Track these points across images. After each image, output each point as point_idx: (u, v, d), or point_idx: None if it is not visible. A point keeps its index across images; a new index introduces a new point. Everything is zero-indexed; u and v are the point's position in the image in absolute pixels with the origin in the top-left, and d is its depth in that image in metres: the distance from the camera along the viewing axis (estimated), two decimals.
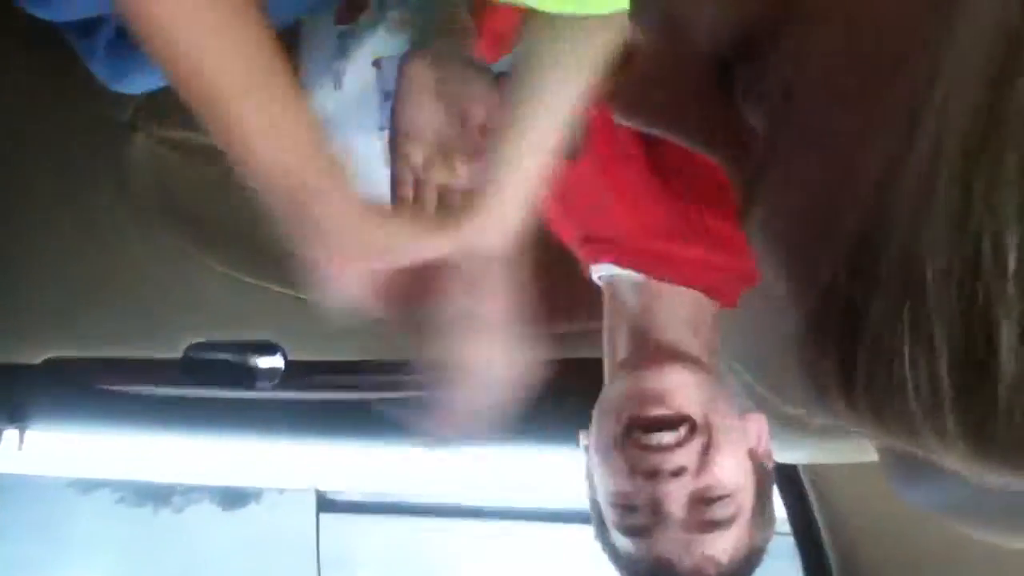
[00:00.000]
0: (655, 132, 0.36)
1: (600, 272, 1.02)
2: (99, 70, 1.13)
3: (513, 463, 1.73)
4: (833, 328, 0.27)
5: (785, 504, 1.38)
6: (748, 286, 0.94)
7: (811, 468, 1.31)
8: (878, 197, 0.25)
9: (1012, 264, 0.22)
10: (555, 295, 1.30)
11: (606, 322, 1.03)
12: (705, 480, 0.90)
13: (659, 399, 0.91)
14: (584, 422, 1.00)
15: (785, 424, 1.09)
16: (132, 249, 1.39)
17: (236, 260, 1.38)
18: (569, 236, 1.06)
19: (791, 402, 0.33)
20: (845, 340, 0.26)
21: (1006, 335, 0.23)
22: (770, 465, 0.97)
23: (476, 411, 0.81)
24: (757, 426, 0.97)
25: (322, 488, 2.69)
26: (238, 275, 1.38)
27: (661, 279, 0.98)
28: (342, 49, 1.19)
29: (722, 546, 0.90)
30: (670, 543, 0.90)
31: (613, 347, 1.02)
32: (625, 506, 0.93)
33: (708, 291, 0.99)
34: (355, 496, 2.81)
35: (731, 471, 0.91)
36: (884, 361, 0.25)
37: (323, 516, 2.77)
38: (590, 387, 1.16)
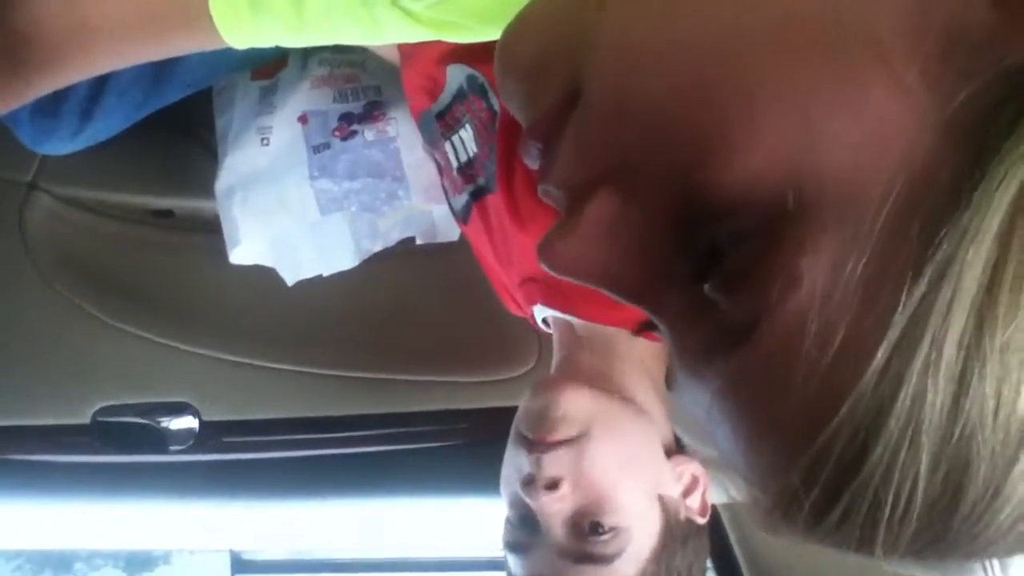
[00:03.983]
0: (596, 288, 0.36)
1: (538, 314, 1.01)
2: (23, 134, 1.12)
3: (429, 515, 1.72)
4: (828, 469, 0.29)
5: None
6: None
7: (730, 506, 1.33)
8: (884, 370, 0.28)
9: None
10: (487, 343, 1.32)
11: (554, 356, 1.02)
12: (585, 497, 0.87)
13: (543, 420, 0.90)
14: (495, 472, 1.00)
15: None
16: (34, 312, 1.35)
17: (145, 320, 1.35)
18: (510, 285, 1.06)
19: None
20: (837, 479, 0.29)
21: (974, 484, 0.28)
22: (699, 520, 0.94)
23: None
24: (689, 470, 0.94)
25: (236, 548, 2.63)
26: (147, 335, 1.35)
27: (578, 317, 0.97)
28: (266, 105, 1.20)
29: None
30: (544, 566, 0.88)
31: None
32: (513, 516, 0.92)
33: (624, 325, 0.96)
34: (271, 556, 2.75)
35: (618, 496, 0.87)
36: (869, 500, 0.29)
37: None
38: (507, 437, 1.17)
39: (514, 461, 0.92)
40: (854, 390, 0.28)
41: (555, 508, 0.87)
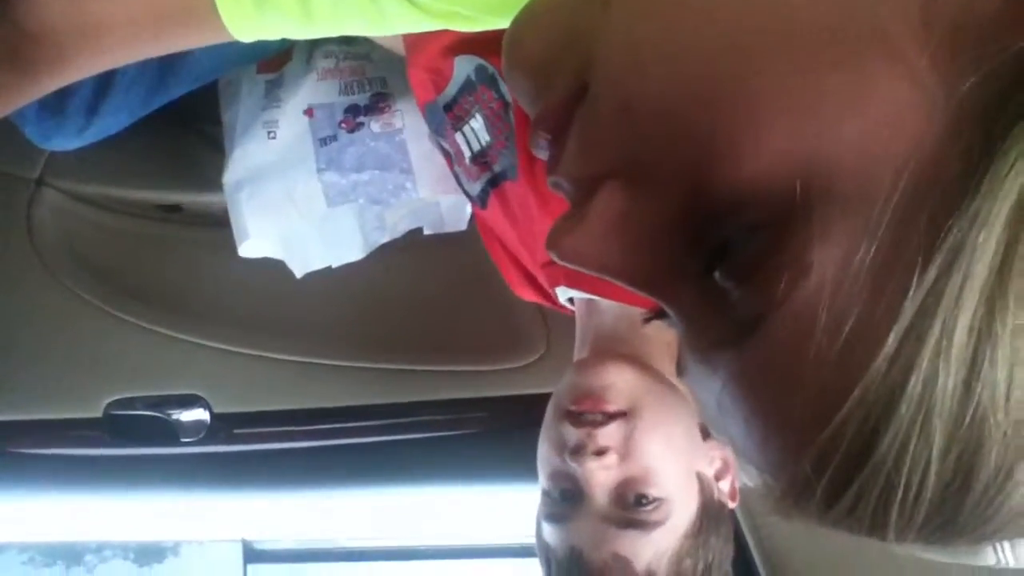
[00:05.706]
0: (610, 280, 0.35)
1: (563, 295, 1.02)
2: (30, 130, 1.12)
3: (442, 503, 1.72)
4: (839, 456, 0.29)
5: None
6: None
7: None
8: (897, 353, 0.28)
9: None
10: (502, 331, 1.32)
11: (577, 337, 1.04)
12: (631, 468, 0.89)
13: (591, 394, 0.92)
14: (515, 460, 0.99)
15: None
16: (44, 308, 1.36)
17: (155, 313, 1.36)
18: (532, 266, 1.07)
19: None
20: (849, 466, 0.29)
21: (985, 468, 0.28)
22: (730, 504, 0.96)
23: None
24: (720, 455, 0.96)
25: (249, 538, 2.63)
26: (157, 328, 1.36)
27: (601, 296, 0.98)
28: (272, 99, 1.20)
29: (636, 550, 0.87)
30: (585, 532, 0.89)
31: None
32: (553, 490, 0.93)
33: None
34: (284, 545, 2.76)
35: (662, 469, 0.89)
36: (880, 486, 0.29)
37: (251, 567, 2.69)
38: (516, 425, 1.16)
39: (556, 436, 0.93)
40: (864, 377, 0.28)
41: (602, 475, 0.88)
